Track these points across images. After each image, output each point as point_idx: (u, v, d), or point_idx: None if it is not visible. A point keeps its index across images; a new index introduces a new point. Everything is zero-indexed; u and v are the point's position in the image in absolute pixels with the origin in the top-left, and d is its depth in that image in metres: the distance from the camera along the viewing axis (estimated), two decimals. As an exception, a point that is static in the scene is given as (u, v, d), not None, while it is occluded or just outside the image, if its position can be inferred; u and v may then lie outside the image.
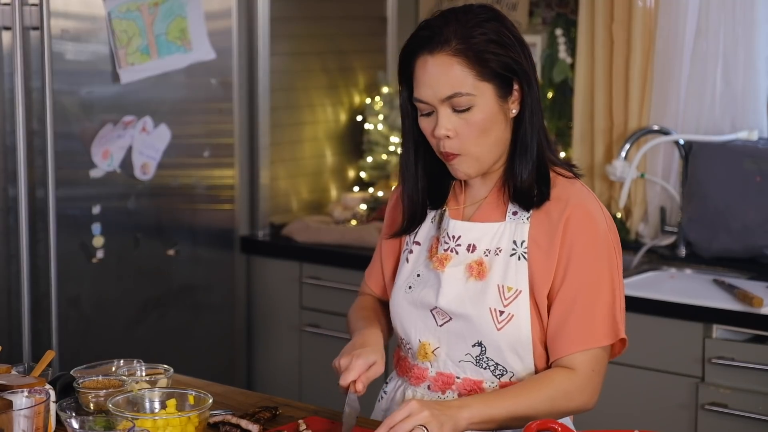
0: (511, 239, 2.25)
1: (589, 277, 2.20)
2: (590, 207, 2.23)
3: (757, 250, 3.95)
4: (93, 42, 3.90)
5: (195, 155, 4.27)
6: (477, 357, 2.25)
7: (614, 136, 4.33)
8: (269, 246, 4.54)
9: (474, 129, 2.20)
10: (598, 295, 2.21)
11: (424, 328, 2.31)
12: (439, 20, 2.21)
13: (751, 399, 3.43)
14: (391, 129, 4.77)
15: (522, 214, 2.26)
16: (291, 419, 2.33)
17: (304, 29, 4.68)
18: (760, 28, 4.08)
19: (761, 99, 4.15)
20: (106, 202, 3.99)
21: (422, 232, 2.38)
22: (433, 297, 2.29)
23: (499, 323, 2.22)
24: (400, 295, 2.35)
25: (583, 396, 2.20)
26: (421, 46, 2.20)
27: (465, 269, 2.27)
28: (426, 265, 2.33)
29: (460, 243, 2.29)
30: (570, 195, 2.24)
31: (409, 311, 2.33)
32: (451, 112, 2.19)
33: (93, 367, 2.43)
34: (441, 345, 2.29)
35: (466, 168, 2.24)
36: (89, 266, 3.96)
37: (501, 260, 2.24)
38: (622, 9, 4.24)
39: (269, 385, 4.54)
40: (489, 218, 2.29)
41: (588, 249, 2.21)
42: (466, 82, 2.17)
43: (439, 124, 2.20)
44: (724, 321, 3.49)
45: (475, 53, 2.17)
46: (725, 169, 4.01)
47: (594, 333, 2.20)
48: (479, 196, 2.33)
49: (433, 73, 2.18)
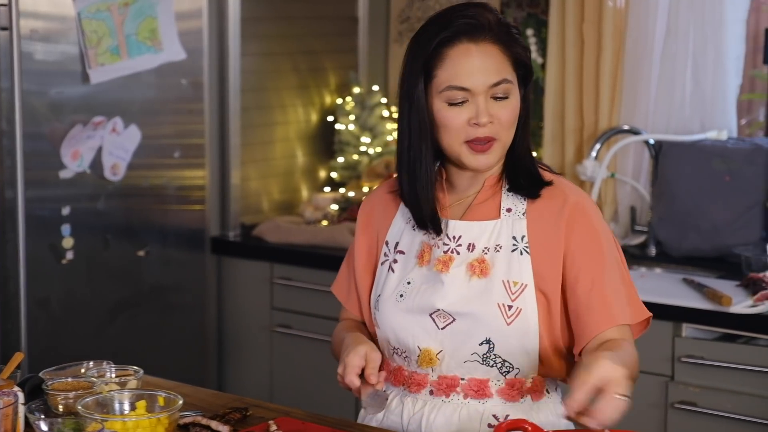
0: (510, 235, 2.26)
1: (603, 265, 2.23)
2: (584, 200, 2.28)
3: (726, 250, 3.97)
4: (62, 42, 3.89)
5: (165, 156, 4.26)
6: (484, 355, 2.25)
7: (585, 136, 4.34)
8: (240, 246, 4.53)
9: (510, 116, 2.23)
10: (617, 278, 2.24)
11: (423, 334, 2.28)
12: (475, 9, 2.22)
13: (720, 397, 3.45)
14: (362, 129, 4.77)
15: (516, 210, 2.28)
16: (262, 420, 2.32)
17: (275, 29, 4.67)
18: (729, 29, 4.10)
19: (730, 99, 4.17)
20: (76, 203, 3.97)
21: (404, 240, 2.36)
22: (433, 300, 2.27)
23: (508, 318, 2.22)
24: (390, 306, 2.32)
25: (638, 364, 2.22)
26: (463, 33, 2.20)
27: (467, 268, 2.26)
28: (418, 272, 2.31)
29: (461, 243, 2.28)
30: (566, 191, 2.28)
31: (404, 319, 2.30)
32: (491, 100, 2.21)
33: (62, 368, 2.42)
34: (444, 348, 2.27)
35: (494, 157, 2.25)
36: (59, 267, 3.94)
37: (503, 256, 2.25)
38: (593, 9, 4.26)
39: (240, 386, 4.53)
40: (484, 216, 2.30)
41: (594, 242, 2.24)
42: (507, 69, 2.22)
43: (482, 111, 2.20)
44: (693, 320, 3.51)
45: (512, 44, 2.23)
46: (695, 168, 4.03)
47: (623, 310, 2.23)
48: (465, 195, 2.33)
49: (480, 60, 2.20)
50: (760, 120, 5.20)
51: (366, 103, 4.80)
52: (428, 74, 2.23)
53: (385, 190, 2.44)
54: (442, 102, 2.22)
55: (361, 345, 2.27)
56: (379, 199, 2.44)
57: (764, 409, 3.38)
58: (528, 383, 2.28)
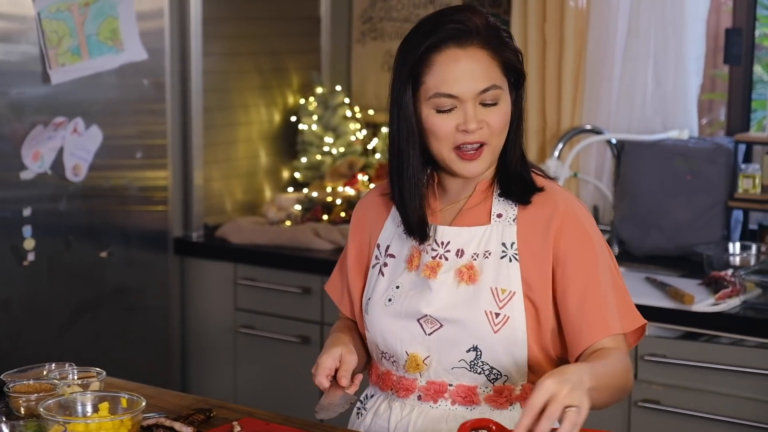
0: (499, 242, 2.23)
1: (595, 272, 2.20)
2: (575, 206, 2.24)
3: (688, 248, 3.99)
4: (22, 42, 3.86)
5: (127, 156, 4.24)
6: (471, 362, 2.22)
7: (547, 136, 4.36)
8: (203, 247, 4.52)
9: (500, 122, 2.19)
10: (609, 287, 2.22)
11: (411, 339, 2.26)
12: (464, 15, 2.18)
13: (683, 395, 3.47)
14: (325, 129, 4.77)
15: (507, 216, 2.25)
16: (225, 421, 2.32)
17: (237, 30, 4.66)
18: (690, 29, 4.12)
19: (691, 99, 4.20)
20: (37, 204, 3.94)
21: (394, 244, 2.33)
22: (420, 305, 2.24)
23: (495, 325, 2.19)
24: (378, 310, 2.30)
25: (632, 374, 2.20)
26: (450, 38, 2.16)
27: (455, 274, 2.24)
28: (407, 276, 2.29)
29: (449, 249, 2.26)
30: (556, 198, 2.24)
31: (392, 324, 2.28)
32: (479, 106, 2.17)
33: (24, 371, 2.40)
34: (431, 354, 2.25)
35: (483, 164, 2.21)
36: (20, 269, 3.92)
37: (492, 263, 2.22)
38: (555, 9, 4.27)
39: (203, 387, 4.52)
40: (474, 222, 2.27)
41: (585, 248, 2.21)
42: (497, 75, 2.17)
43: (470, 118, 2.16)
44: (656, 318, 3.52)
45: (496, 48, 2.17)
46: (657, 168, 4.05)
47: (616, 320, 2.21)
48: (458, 199, 2.30)
49: (468, 66, 2.15)
50: (721, 119, 5.23)
51: (329, 103, 4.80)
52: (416, 80, 2.19)
53: (377, 192, 2.42)
54: (430, 109, 2.18)
55: (338, 347, 2.26)
56: (372, 202, 2.42)
57: (727, 406, 3.41)
58: (517, 390, 2.25)
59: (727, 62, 4.23)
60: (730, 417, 3.40)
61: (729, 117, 4.28)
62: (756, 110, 4.87)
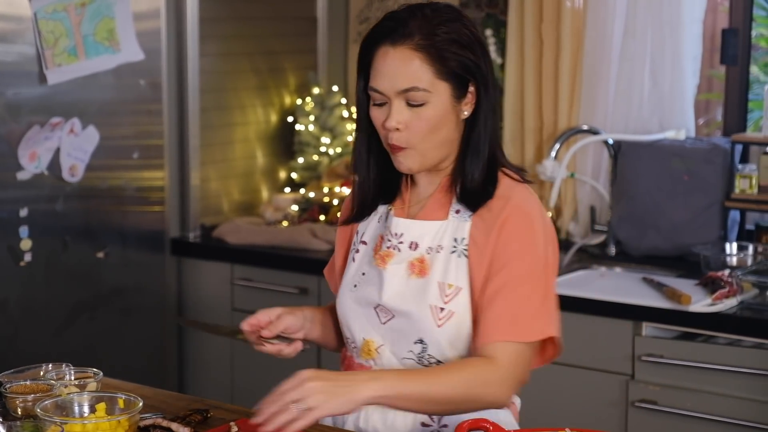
0: (452, 237, 2.25)
1: (520, 273, 2.19)
2: (529, 208, 2.23)
3: (685, 249, 3.99)
4: (19, 43, 3.86)
5: (124, 157, 4.24)
6: (419, 354, 2.25)
7: (544, 136, 4.36)
8: (200, 248, 4.52)
9: (424, 125, 2.20)
10: (527, 292, 2.19)
11: (368, 326, 2.31)
12: (405, 13, 2.22)
13: (680, 396, 3.47)
14: (322, 130, 4.77)
15: (464, 212, 2.26)
16: (222, 421, 2.32)
17: (234, 30, 4.66)
18: (687, 29, 4.13)
19: (688, 99, 4.20)
20: (34, 204, 3.94)
21: (369, 231, 2.38)
22: (375, 294, 2.29)
23: (439, 320, 2.22)
24: (346, 294, 2.36)
25: (501, 388, 2.17)
26: (384, 36, 2.21)
27: (407, 267, 2.27)
28: (370, 264, 2.33)
29: (402, 240, 2.29)
30: (511, 195, 2.24)
31: (354, 309, 2.33)
32: (405, 105, 2.20)
33: (21, 371, 2.40)
34: (385, 342, 2.29)
35: (410, 162, 2.24)
36: (17, 270, 3.91)
37: (442, 258, 2.25)
38: (551, 9, 4.28)
39: (200, 388, 4.52)
40: (432, 216, 2.29)
41: (521, 248, 2.20)
42: (424, 77, 2.18)
43: (391, 116, 2.20)
44: (653, 319, 3.53)
45: (436, 51, 2.18)
46: (653, 168, 4.05)
47: (518, 326, 2.18)
48: (425, 195, 2.33)
49: (392, 65, 2.19)
50: (717, 119, 5.24)
51: (325, 104, 4.79)
52: (366, 73, 2.26)
53: None
54: (372, 101, 2.25)
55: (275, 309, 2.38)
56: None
57: (723, 406, 3.41)
58: None
59: (723, 62, 4.23)
60: (726, 417, 3.40)
61: (726, 117, 4.29)
62: (753, 110, 4.88)
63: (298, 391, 2.04)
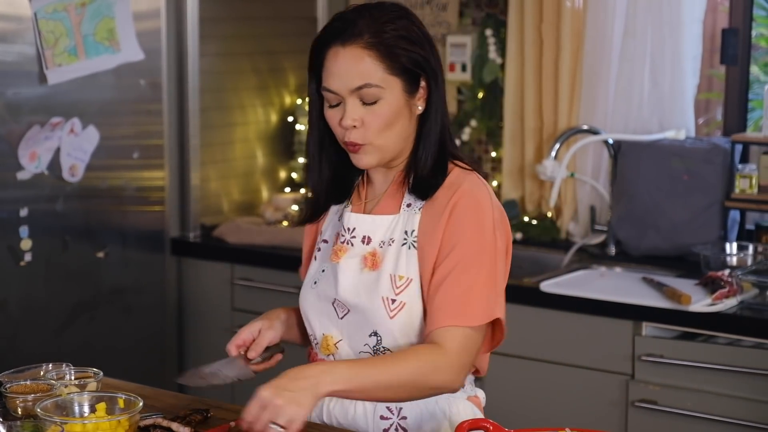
0: (403, 230, 2.29)
1: (467, 258, 2.22)
2: (478, 194, 2.26)
3: (685, 248, 3.99)
4: (19, 42, 3.86)
5: (124, 157, 4.24)
6: (374, 347, 2.28)
7: (544, 136, 4.36)
8: (200, 247, 4.52)
9: (380, 121, 2.24)
10: (474, 276, 2.22)
11: (328, 322, 2.34)
12: (353, 13, 2.26)
13: (680, 395, 3.47)
14: (322, 129, 4.77)
15: (415, 205, 2.30)
16: (223, 421, 2.32)
17: (234, 30, 4.66)
18: (687, 29, 4.13)
19: (688, 99, 4.20)
20: (34, 204, 3.94)
21: (329, 229, 2.42)
22: (332, 289, 2.32)
23: (391, 311, 2.25)
24: (307, 291, 2.39)
25: (449, 373, 2.19)
26: (334, 37, 2.25)
27: (360, 261, 2.31)
28: (329, 260, 2.37)
29: (355, 235, 2.33)
30: (461, 183, 2.28)
31: (315, 305, 2.36)
32: (359, 103, 2.24)
33: (21, 371, 2.40)
34: (343, 337, 2.32)
35: (368, 158, 2.28)
36: (17, 269, 3.91)
37: (393, 250, 2.28)
38: (551, 9, 4.28)
39: (200, 388, 4.51)
40: (385, 211, 2.33)
41: (469, 232, 2.23)
42: (375, 74, 2.22)
43: (347, 115, 2.24)
44: (653, 318, 3.53)
45: (386, 47, 2.22)
46: (653, 168, 4.05)
47: (465, 311, 2.20)
48: (380, 191, 2.37)
49: (344, 64, 2.23)
50: (717, 119, 5.24)
51: (326, 104, 4.79)
52: (318, 74, 2.30)
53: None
54: (325, 102, 2.29)
55: (261, 320, 2.42)
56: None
57: (723, 406, 3.41)
58: None
59: (723, 62, 4.23)
60: (726, 417, 3.40)
61: (726, 117, 4.29)
62: (753, 110, 4.88)
63: (268, 411, 2.07)
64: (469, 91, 4.57)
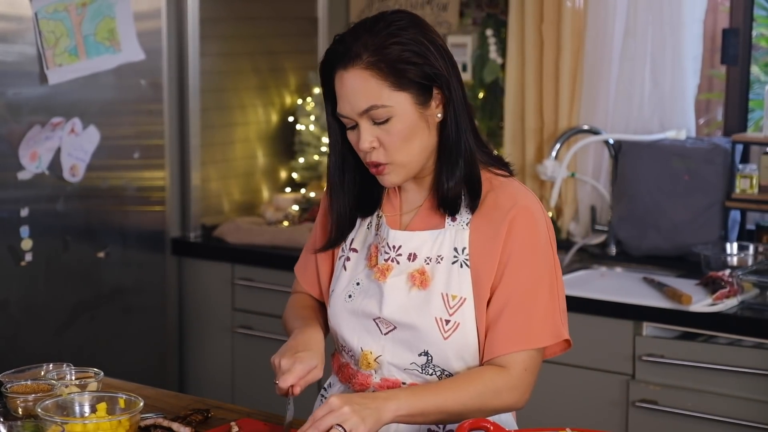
0: (452, 246, 2.23)
1: (528, 278, 2.19)
2: (534, 209, 2.22)
3: (685, 249, 3.99)
4: (20, 42, 3.86)
5: (125, 157, 4.24)
6: (423, 365, 2.24)
7: (545, 136, 4.36)
8: (201, 247, 4.52)
9: (396, 138, 2.18)
10: (536, 296, 2.19)
11: (367, 337, 2.28)
12: (350, 35, 2.19)
13: (680, 395, 3.47)
14: (323, 129, 4.77)
15: (461, 219, 2.24)
16: (223, 421, 2.32)
17: (235, 30, 4.66)
18: (687, 29, 4.13)
19: (689, 99, 4.20)
20: (35, 204, 3.94)
21: (358, 238, 2.35)
22: (375, 307, 2.26)
23: (445, 332, 2.20)
24: (339, 304, 2.32)
25: (514, 394, 2.18)
26: (337, 61, 2.19)
27: (407, 279, 2.25)
28: (366, 274, 2.30)
29: (401, 253, 2.27)
30: (515, 198, 2.22)
31: (350, 320, 2.30)
32: (371, 124, 2.18)
33: (21, 371, 2.40)
34: (384, 353, 2.26)
35: (394, 177, 2.23)
36: (17, 269, 3.91)
37: (443, 268, 2.23)
38: (552, 9, 4.28)
39: (201, 388, 4.52)
40: (428, 226, 2.27)
41: (528, 251, 2.20)
42: (381, 94, 2.16)
43: (362, 138, 2.19)
44: (653, 318, 3.53)
45: (388, 64, 2.15)
46: (654, 168, 4.05)
47: (530, 334, 2.19)
48: (415, 202, 2.31)
49: (348, 88, 2.17)
50: (718, 119, 5.24)
51: (326, 104, 4.79)
52: (332, 99, 2.24)
53: None
54: (345, 125, 2.24)
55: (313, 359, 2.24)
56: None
57: (724, 406, 3.41)
58: None
59: (724, 62, 4.23)
60: (727, 417, 3.40)
61: (726, 117, 4.29)
62: (753, 110, 4.88)
63: (334, 416, 2.05)
64: (470, 91, 4.57)
